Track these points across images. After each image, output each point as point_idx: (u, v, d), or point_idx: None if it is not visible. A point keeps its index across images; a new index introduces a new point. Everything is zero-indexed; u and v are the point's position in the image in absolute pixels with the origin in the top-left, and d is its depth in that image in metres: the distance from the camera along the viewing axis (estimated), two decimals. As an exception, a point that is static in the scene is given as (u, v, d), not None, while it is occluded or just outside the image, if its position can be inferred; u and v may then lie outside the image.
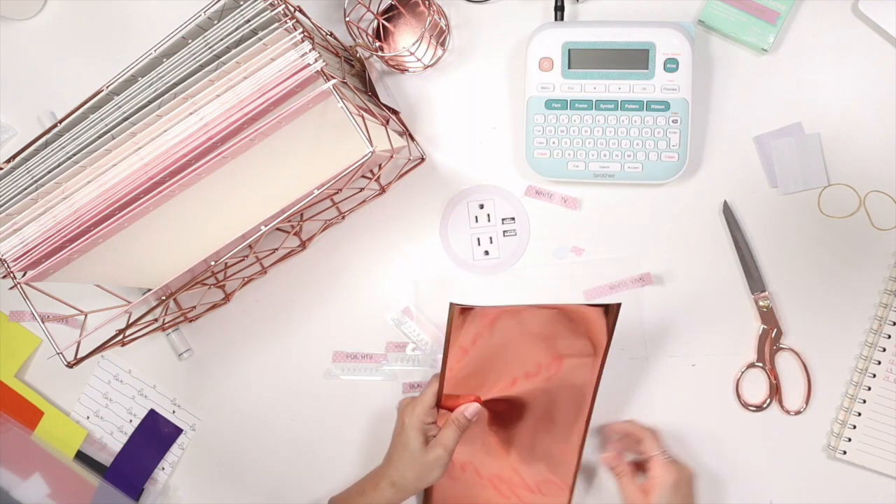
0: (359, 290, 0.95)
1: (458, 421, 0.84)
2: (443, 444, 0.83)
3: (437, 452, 0.83)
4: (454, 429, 0.84)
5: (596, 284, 0.91)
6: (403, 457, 0.85)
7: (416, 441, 0.84)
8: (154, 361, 0.98)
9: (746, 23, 0.88)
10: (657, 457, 0.84)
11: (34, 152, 0.76)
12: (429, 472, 0.84)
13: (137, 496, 0.96)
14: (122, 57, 0.78)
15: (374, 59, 0.92)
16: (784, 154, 0.89)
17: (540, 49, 0.88)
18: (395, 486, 0.85)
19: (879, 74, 0.88)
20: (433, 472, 0.84)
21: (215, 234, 0.77)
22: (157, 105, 0.73)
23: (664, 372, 0.90)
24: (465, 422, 0.84)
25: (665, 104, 0.86)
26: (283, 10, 0.71)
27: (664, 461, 0.83)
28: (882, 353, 0.86)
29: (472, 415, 0.85)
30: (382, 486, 0.85)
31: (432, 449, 0.83)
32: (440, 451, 0.83)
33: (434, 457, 0.83)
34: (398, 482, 0.85)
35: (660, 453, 0.84)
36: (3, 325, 0.99)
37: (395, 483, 0.85)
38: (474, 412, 0.85)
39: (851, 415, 0.87)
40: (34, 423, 0.98)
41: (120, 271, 0.84)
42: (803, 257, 0.89)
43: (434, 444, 0.84)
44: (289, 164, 0.79)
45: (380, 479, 0.86)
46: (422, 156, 0.94)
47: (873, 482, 0.87)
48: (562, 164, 0.89)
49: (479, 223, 0.93)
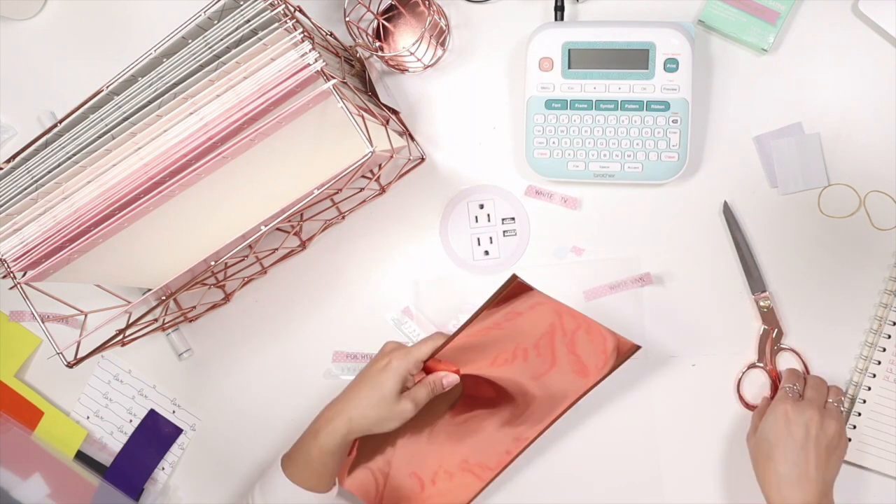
0: (359, 289, 0.95)
1: (434, 384, 0.84)
2: (414, 400, 0.82)
3: (405, 405, 0.81)
4: (429, 390, 0.83)
5: (596, 284, 0.91)
6: (372, 396, 0.82)
7: (393, 386, 0.81)
8: (154, 361, 0.98)
9: (746, 23, 0.88)
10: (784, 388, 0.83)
11: (34, 152, 0.76)
12: (388, 421, 0.82)
13: (137, 496, 0.96)
14: (122, 57, 0.78)
15: (374, 59, 0.92)
16: (784, 154, 0.89)
17: (540, 49, 0.88)
18: (350, 424, 0.82)
19: (879, 74, 0.88)
20: (391, 423, 0.82)
21: (215, 234, 0.77)
22: (157, 105, 0.73)
23: (664, 372, 0.90)
24: (440, 388, 0.84)
25: (665, 104, 0.86)
26: (283, 10, 0.71)
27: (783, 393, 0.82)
28: (882, 353, 0.86)
29: (448, 385, 0.84)
30: (337, 423, 0.82)
31: (403, 400, 0.82)
32: (409, 405, 0.82)
33: (401, 408, 0.81)
34: (355, 419, 0.82)
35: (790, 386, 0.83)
36: (3, 325, 0.99)
37: (352, 420, 0.82)
38: (451, 383, 0.85)
39: (851, 415, 0.87)
40: (34, 423, 0.98)
41: (120, 271, 0.84)
42: (803, 257, 0.89)
43: (405, 397, 0.82)
44: (289, 164, 0.79)
45: (335, 414, 0.83)
46: (422, 156, 0.94)
47: (873, 482, 0.87)
48: (562, 164, 0.89)
49: (479, 223, 0.93)
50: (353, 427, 0.82)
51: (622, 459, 0.90)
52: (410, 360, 0.82)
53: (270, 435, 0.96)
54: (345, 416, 0.82)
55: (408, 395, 0.82)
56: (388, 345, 0.86)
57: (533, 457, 0.91)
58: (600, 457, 0.91)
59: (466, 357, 0.85)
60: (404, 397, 0.82)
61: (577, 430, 0.91)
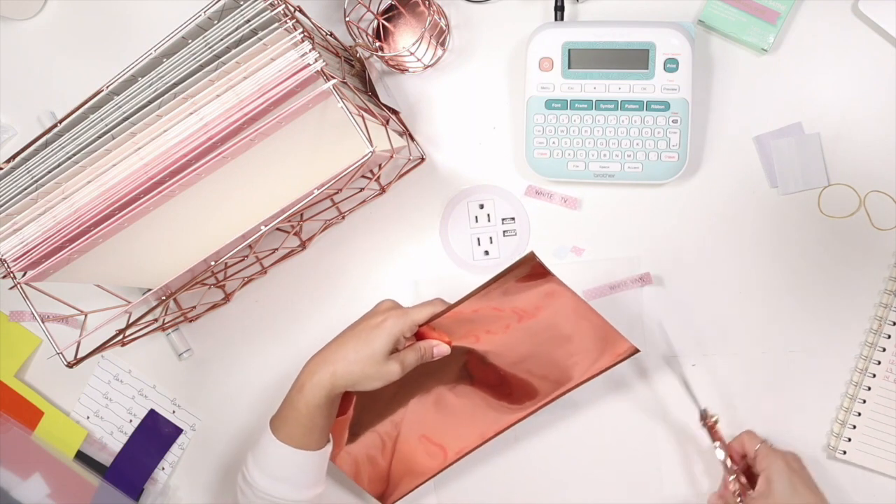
0: (359, 289, 0.95)
1: (424, 350, 0.81)
2: (402, 363, 0.79)
3: (392, 367, 0.78)
4: (419, 356, 0.81)
5: (596, 284, 0.91)
6: (361, 352, 0.78)
7: (384, 345, 0.78)
8: (154, 361, 0.98)
9: (746, 23, 0.88)
10: (760, 449, 0.82)
11: (34, 152, 0.76)
12: (372, 379, 0.79)
13: (137, 496, 0.96)
14: (122, 57, 0.78)
15: (374, 59, 0.92)
16: (784, 154, 0.89)
17: (540, 49, 0.88)
18: (334, 378, 0.78)
19: (879, 74, 0.88)
20: (374, 382, 0.79)
21: (215, 234, 0.77)
22: (157, 105, 0.73)
23: (664, 372, 0.90)
24: (429, 357, 0.82)
25: (665, 104, 0.86)
26: (283, 10, 0.71)
27: (767, 449, 0.82)
28: (882, 353, 0.86)
29: (437, 354, 0.82)
30: (321, 375, 0.78)
31: (391, 361, 0.79)
32: (396, 368, 0.79)
33: (388, 370, 0.78)
34: (339, 373, 0.78)
35: (761, 445, 0.82)
36: (3, 325, 0.99)
37: (335, 374, 0.78)
38: (441, 353, 0.82)
39: (851, 415, 0.87)
40: (34, 423, 0.98)
41: (120, 271, 0.84)
42: (803, 257, 0.89)
43: (393, 358, 0.79)
44: (289, 163, 0.79)
45: (318, 366, 0.79)
46: (422, 156, 0.94)
47: (873, 482, 0.87)
48: (562, 164, 0.89)
49: (479, 223, 0.93)
50: (336, 381, 0.78)
51: (622, 459, 0.90)
52: (406, 322, 0.80)
53: (270, 435, 0.96)
54: (329, 369, 0.79)
55: (396, 357, 0.79)
56: (384, 303, 0.83)
57: (533, 456, 0.91)
58: (600, 456, 0.91)
59: (461, 330, 0.83)
60: (392, 359, 0.79)
61: (576, 429, 0.91)
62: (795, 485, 0.79)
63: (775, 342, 0.89)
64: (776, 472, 0.79)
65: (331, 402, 0.80)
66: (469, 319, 0.83)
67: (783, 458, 0.80)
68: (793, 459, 0.81)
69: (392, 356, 0.79)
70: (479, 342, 0.84)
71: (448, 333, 0.84)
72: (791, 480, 0.79)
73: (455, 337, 0.84)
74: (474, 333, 0.84)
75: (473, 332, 0.84)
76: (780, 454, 0.81)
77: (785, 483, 0.78)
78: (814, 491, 0.80)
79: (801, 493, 0.78)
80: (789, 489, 0.78)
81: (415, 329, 0.81)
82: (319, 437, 0.81)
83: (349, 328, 0.82)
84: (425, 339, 0.83)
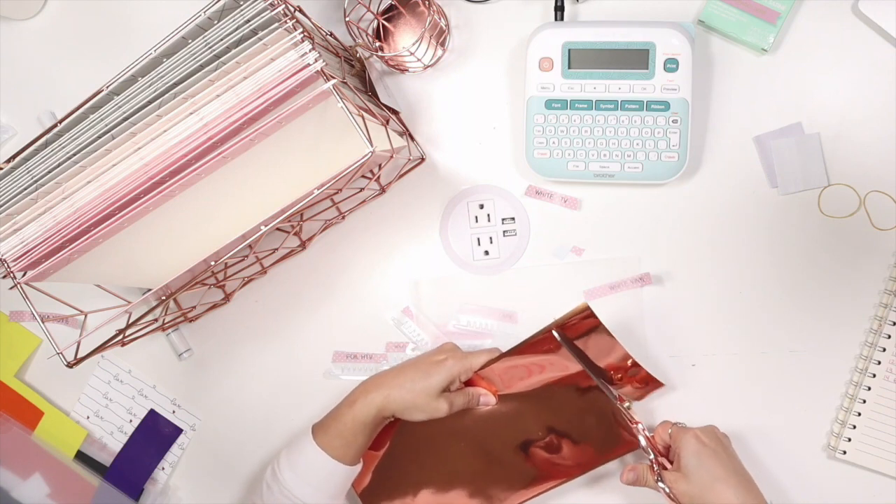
0: (359, 290, 0.95)
1: (472, 396, 0.86)
2: (451, 403, 0.84)
3: (441, 404, 0.84)
4: (466, 400, 0.86)
5: (596, 284, 0.91)
6: (417, 382, 0.84)
7: (440, 382, 0.84)
8: (154, 361, 0.98)
9: (746, 23, 0.88)
10: (672, 431, 0.83)
11: (34, 152, 0.76)
12: (420, 411, 0.84)
13: (137, 496, 0.96)
14: (122, 57, 0.78)
15: (374, 59, 0.92)
16: (784, 154, 0.89)
17: (540, 49, 0.88)
18: (387, 400, 0.83)
19: (879, 74, 0.88)
20: (421, 414, 0.84)
21: (215, 234, 0.77)
22: (157, 105, 0.73)
23: (664, 372, 0.90)
24: (475, 404, 0.87)
25: (665, 104, 0.86)
26: (283, 10, 0.71)
27: (678, 430, 0.83)
28: (882, 353, 0.86)
29: (483, 404, 0.87)
30: (375, 395, 0.84)
31: (441, 399, 0.84)
32: (444, 405, 0.84)
33: (437, 405, 0.84)
34: (391, 398, 0.83)
35: (673, 427, 0.83)
36: (3, 325, 0.99)
37: (388, 398, 0.83)
38: (486, 403, 0.87)
39: (851, 415, 0.87)
40: (34, 423, 0.98)
41: (120, 271, 0.84)
42: (803, 257, 0.89)
43: (444, 397, 0.84)
44: (289, 163, 0.79)
45: (375, 387, 0.85)
46: (422, 156, 0.94)
47: (873, 482, 0.87)
48: (562, 164, 0.89)
49: (479, 223, 0.93)
50: (388, 404, 0.83)
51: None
52: (465, 365, 0.85)
53: (270, 435, 0.96)
54: (384, 391, 0.84)
55: (447, 396, 0.85)
56: (447, 344, 0.89)
57: (533, 457, 0.92)
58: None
59: (506, 382, 0.87)
60: (443, 397, 0.84)
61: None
62: (703, 458, 0.79)
63: (775, 342, 0.89)
64: (684, 447, 0.81)
65: (376, 423, 0.85)
66: (514, 374, 0.86)
67: (694, 435, 0.81)
68: (704, 434, 0.82)
69: (443, 394, 0.85)
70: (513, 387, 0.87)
71: (494, 384, 0.87)
72: (699, 455, 0.80)
73: (500, 384, 0.87)
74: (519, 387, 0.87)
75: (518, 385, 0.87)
76: (692, 431, 0.82)
77: (691, 458, 0.80)
78: (723, 463, 0.80)
79: (708, 467, 0.79)
80: (695, 462, 0.79)
81: (471, 374, 0.86)
82: (354, 455, 0.85)
83: (411, 360, 0.88)
84: (474, 387, 0.87)
